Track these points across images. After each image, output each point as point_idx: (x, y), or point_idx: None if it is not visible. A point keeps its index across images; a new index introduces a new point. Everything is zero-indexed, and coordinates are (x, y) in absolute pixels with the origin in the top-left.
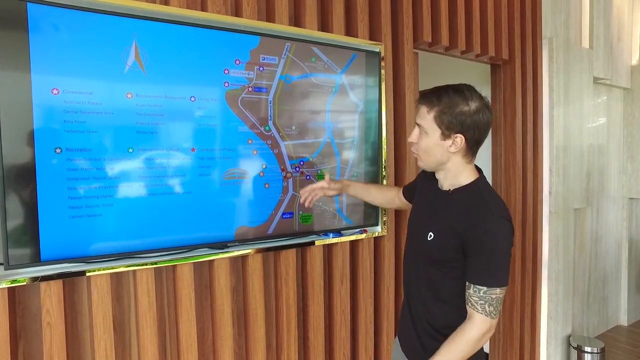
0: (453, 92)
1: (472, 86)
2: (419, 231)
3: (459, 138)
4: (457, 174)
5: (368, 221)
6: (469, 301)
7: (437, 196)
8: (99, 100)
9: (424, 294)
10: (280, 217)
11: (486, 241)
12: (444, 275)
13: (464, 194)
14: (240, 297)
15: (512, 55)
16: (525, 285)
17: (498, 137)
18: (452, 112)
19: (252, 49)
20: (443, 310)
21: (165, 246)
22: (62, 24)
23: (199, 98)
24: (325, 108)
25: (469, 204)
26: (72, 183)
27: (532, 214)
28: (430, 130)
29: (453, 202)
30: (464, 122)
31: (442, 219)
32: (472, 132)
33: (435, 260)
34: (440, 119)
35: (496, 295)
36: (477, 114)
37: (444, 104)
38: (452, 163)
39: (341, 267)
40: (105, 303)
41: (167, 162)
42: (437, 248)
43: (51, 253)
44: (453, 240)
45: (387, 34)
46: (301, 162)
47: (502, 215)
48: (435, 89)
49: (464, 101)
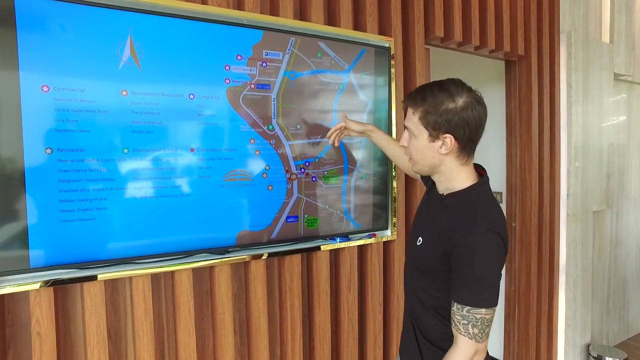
0: (438, 90)
1: (459, 80)
2: (414, 235)
3: (448, 138)
4: (451, 177)
5: (377, 225)
6: (453, 320)
7: (434, 200)
8: (92, 98)
9: (415, 303)
10: (285, 220)
11: (469, 255)
12: (430, 285)
13: (455, 199)
14: (242, 305)
15: (528, 50)
16: (541, 291)
17: (513, 137)
18: (437, 111)
19: (254, 43)
20: (432, 321)
21: (163, 251)
22: (52, 18)
23: (199, 96)
24: (332, 106)
25: (458, 211)
26: (63, 185)
27: (549, 217)
28: (418, 133)
29: (444, 207)
30: (450, 120)
31: (432, 225)
32: (462, 130)
33: (422, 267)
34: (426, 120)
35: (481, 315)
36: (466, 111)
37: (429, 103)
38: (446, 165)
39: (349, 273)
40: (99, 311)
41: (164, 164)
42: (424, 255)
43: (41, 259)
44: (439, 249)
45: (397, 29)
46: (307, 162)
47: (489, 228)
48: (420, 87)
49: (449, 98)
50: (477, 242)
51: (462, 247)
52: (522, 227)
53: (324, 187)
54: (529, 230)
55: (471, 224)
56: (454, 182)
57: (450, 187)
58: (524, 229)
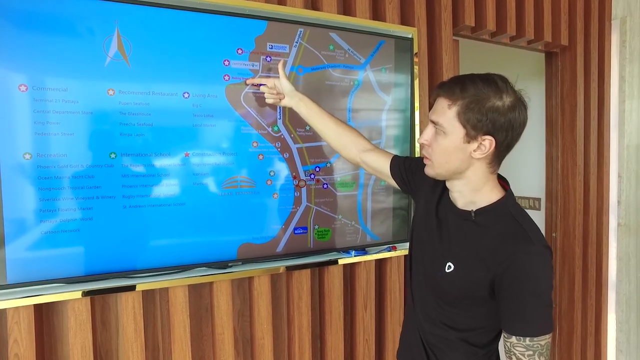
0: (482, 82)
1: (505, 77)
2: (430, 257)
3: (488, 141)
4: (477, 186)
5: (397, 236)
6: (511, 353)
7: (454, 216)
8: (75, 98)
9: (433, 330)
10: (292, 232)
11: (529, 280)
12: (461, 314)
13: (491, 216)
14: (246, 323)
15: (573, 40)
16: (587, 312)
17: (554, 137)
18: (481, 108)
19: (257, 35)
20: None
21: (155, 266)
22: (31, 10)
23: (194, 94)
24: (346, 105)
25: (502, 230)
26: (44, 194)
27: (596, 227)
28: (451, 130)
29: (478, 226)
30: (496, 120)
31: (465, 248)
32: (505, 133)
33: (454, 297)
34: (466, 116)
35: (546, 341)
36: (512, 112)
37: (471, 96)
38: (473, 172)
39: (365, 290)
40: (85, 330)
41: (156, 170)
42: (460, 284)
43: (20, 274)
44: (484, 275)
45: (421, 17)
46: (317, 168)
47: (545, 245)
48: (457, 77)
49: (496, 94)
50: (536, 263)
51: (520, 272)
52: (564, 238)
53: (336, 194)
54: (572, 241)
55: (526, 244)
56: (480, 193)
57: (476, 199)
58: (567, 240)
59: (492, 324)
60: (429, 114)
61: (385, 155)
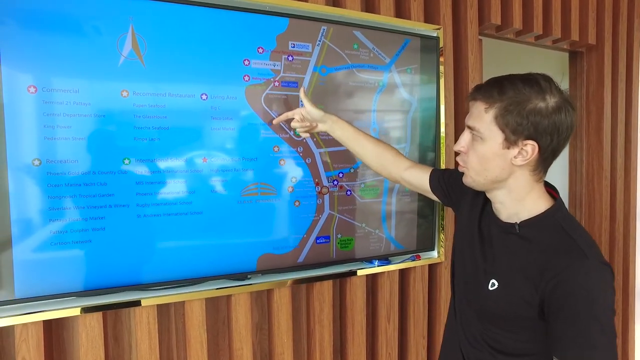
0: (522, 83)
1: (550, 76)
2: (472, 274)
3: (530, 146)
4: (521, 196)
5: (422, 245)
6: None
7: (497, 229)
8: (86, 100)
9: (478, 348)
10: (314, 242)
11: (585, 301)
12: (510, 337)
13: (537, 228)
14: (264, 336)
15: (600, 39)
16: None
17: (578, 140)
18: (521, 110)
19: (278, 34)
20: None
21: (171, 278)
22: (40, 8)
23: (212, 96)
24: (370, 106)
25: (550, 244)
26: (54, 203)
27: (623, 234)
28: (489, 135)
29: (523, 240)
30: (538, 124)
31: (509, 264)
32: (549, 138)
33: (499, 318)
34: (505, 120)
35: None
36: (558, 114)
37: (510, 98)
38: (516, 180)
39: (388, 301)
40: (96, 347)
41: (171, 176)
42: (505, 303)
43: (28, 289)
44: (531, 294)
45: (447, 15)
46: (340, 174)
47: (602, 262)
48: (495, 78)
49: (538, 95)
50: (593, 281)
51: (573, 291)
52: None
53: (360, 202)
54: None
55: (579, 259)
56: (524, 203)
57: (520, 210)
58: None
59: (546, 351)
60: (465, 119)
61: (424, 170)
